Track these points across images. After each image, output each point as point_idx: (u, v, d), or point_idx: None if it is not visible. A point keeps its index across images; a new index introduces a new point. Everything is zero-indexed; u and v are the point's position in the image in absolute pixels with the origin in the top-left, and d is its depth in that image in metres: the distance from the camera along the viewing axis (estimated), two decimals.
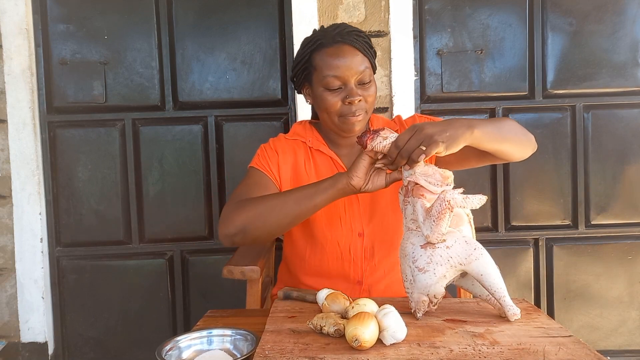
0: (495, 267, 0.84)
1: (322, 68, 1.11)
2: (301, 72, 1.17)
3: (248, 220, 1.01)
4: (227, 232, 1.03)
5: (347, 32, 1.12)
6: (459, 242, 0.84)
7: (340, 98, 1.11)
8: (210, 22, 2.13)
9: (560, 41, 2.12)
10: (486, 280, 0.83)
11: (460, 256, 0.83)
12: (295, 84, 1.22)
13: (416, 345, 0.76)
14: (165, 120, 2.16)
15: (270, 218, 1.00)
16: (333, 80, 1.10)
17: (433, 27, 2.12)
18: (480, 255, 0.83)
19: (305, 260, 1.21)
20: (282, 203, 1.01)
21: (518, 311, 0.85)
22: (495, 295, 0.84)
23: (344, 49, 1.10)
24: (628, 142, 2.14)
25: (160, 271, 2.19)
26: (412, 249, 0.87)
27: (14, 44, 2.04)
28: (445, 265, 0.84)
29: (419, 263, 0.85)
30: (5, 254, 2.11)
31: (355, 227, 1.17)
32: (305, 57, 1.15)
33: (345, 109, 1.11)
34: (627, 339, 2.18)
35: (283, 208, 1.00)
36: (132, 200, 2.16)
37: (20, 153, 2.07)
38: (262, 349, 0.75)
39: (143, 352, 2.18)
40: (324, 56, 1.11)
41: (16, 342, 2.11)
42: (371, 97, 1.13)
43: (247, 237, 1.02)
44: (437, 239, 0.84)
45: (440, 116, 2.14)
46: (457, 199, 0.82)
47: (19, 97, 2.05)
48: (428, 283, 0.84)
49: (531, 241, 2.18)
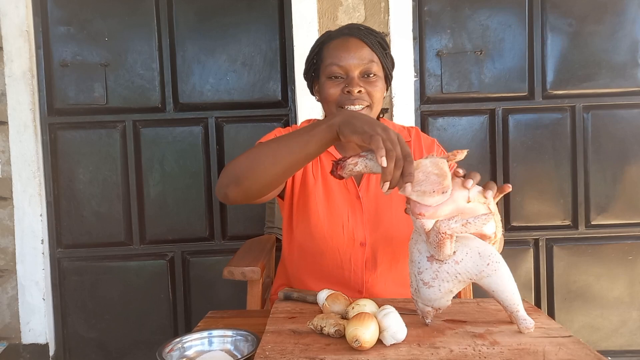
0: (511, 281, 0.77)
1: (327, 58, 1.11)
2: (311, 67, 1.17)
3: (241, 171, 0.94)
4: (221, 183, 0.97)
5: (357, 28, 1.12)
6: (470, 256, 0.76)
7: (341, 87, 1.09)
8: (211, 24, 2.13)
9: (559, 42, 2.12)
10: (498, 296, 0.78)
11: (470, 272, 0.77)
12: (307, 81, 1.22)
13: (416, 345, 0.76)
14: (166, 122, 2.16)
15: (262, 167, 0.93)
16: (336, 69, 1.09)
17: (433, 28, 2.12)
18: (493, 271, 0.76)
19: (304, 264, 1.18)
20: (273, 152, 0.92)
21: (531, 324, 0.79)
22: (507, 310, 0.79)
23: (350, 40, 1.10)
24: (628, 143, 2.14)
25: (161, 272, 2.19)
26: (419, 258, 0.80)
27: (14, 46, 2.05)
28: (453, 282, 0.78)
29: (424, 276, 0.79)
30: (7, 256, 2.11)
31: (357, 236, 1.14)
32: (315, 50, 1.16)
33: (344, 98, 1.09)
34: (627, 340, 2.17)
35: (274, 157, 0.92)
36: (133, 201, 2.16)
37: (21, 155, 2.07)
38: (263, 349, 0.75)
39: (144, 353, 2.18)
40: (330, 47, 1.12)
41: (17, 344, 2.11)
42: (377, 92, 1.10)
43: (240, 187, 0.94)
44: (444, 258, 0.77)
45: (441, 117, 2.17)
46: (454, 228, 0.73)
47: (20, 99, 2.06)
48: (432, 298, 0.80)
49: (531, 241, 2.18)
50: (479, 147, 2.16)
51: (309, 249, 1.16)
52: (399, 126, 1.25)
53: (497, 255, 0.77)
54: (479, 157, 2.16)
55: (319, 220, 1.13)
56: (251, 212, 2.16)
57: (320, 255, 1.15)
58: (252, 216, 2.16)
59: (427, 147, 1.22)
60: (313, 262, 1.17)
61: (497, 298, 0.79)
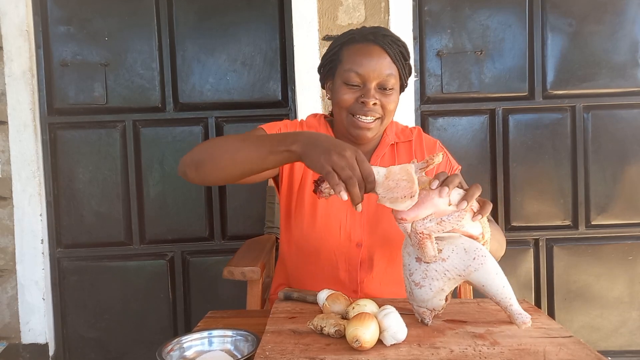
0: (499, 274, 0.79)
1: (346, 61, 1.09)
2: (328, 64, 1.15)
3: (201, 158, 0.95)
4: (184, 161, 0.99)
5: (382, 35, 1.09)
6: (456, 252, 0.78)
7: (356, 96, 1.08)
8: (211, 24, 2.13)
9: (560, 42, 2.12)
10: (489, 291, 0.79)
11: (457, 268, 0.78)
12: (320, 76, 1.20)
13: (416, 345, 0.76)
14: (166, 122, 2.16)
15: (221, 162, 0.93)
16: (354, 76, 1.07)
17: (433, 28, 2.12)
18: (480, 265, 0.77)
19: (301, 263, 1.18)
20: (235, 150, 0.92)
21: (528, 319, 0.79)
22: (500, 305, 0.80)
23: (373, 49, 1.08)
24: (628, 143, 2.14)
25: (161, 272, 2.19)
26: (409, 260, 0.82)
27: (14, 46, 2.04)
28: (442, 279, 0.79)
29: (415, 277, 0.81)
30: (6, 255, 2.11)
31: (354, 237, 1.13)
32: (335, 49, 1.13)
33: (356, 107, 1.08)
34: (627, 340, 2.18)
35: (234, 156, 0.92)
36: (133, 201, 2.16)
37: (21, 154, 2.07)
38: (263, 349, 0.75)
39: (144, 353, 2.18)
40: (351, 51, 1.09)
41: (17, 344, 2.11)
42: (391, 104, 1.09)
43: (198, 172, 0.96)
44: (430, 260, 0.79)
45: (441, 117, 2.17)
46: (429, 227, 0.76)
47: (20, 99, 2.06)
48: (425, 298, 0.81)
49: (531, 241, 2.18)
50: (479, 147, 2.16)
51: (306, 248, 1.16)
52: (401, 126, 1.24)
53: (483, 250, 0.79)
54: (479, 157, 2.16)
55: (316, 219, 1.13)
56: (251, 212, 2.16)
57: (316, 255, 1.15)
58: (252, 216, 2.16)
59: (428, 148, 1.21)
60: (309, 261, 1.16)
61: (488, 294, 0.80)
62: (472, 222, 0.81)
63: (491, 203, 0.82)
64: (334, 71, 1.13)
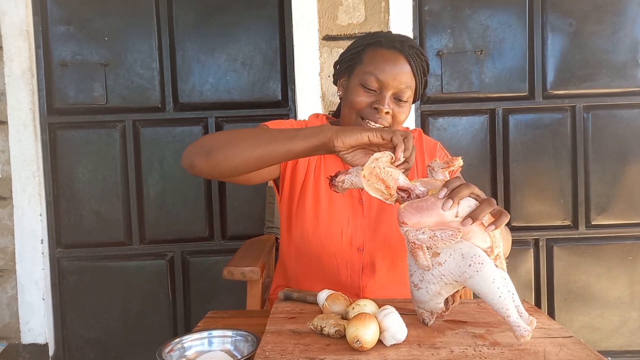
0: (497, 283, 0.74)
1: (368, 63, 1.08)
2: (347, 61, 1.14)
3: (216, 143, 0.92)
4: (189, 151, 0.95)
5: (409, 46, 1.08)
6: (453, 257, 0.75)
7: (370, 101, 1.07)
8: (211, 24, 2.13)
9: (560, 42, 2.12)
10: (485, 300, 0.76)
11: (453, 273, 0.76)
12: (335, 71, 1.19)
13: (417, 346, 0.76)
14: (166, 122, 2.16)
15: (238, 147, 0.90)
16: (373, 80, 1.06)
17: (433, 28, 2.12)
18: (475, 272, 0.74)
19: (302, 266, 1.17)
20: (255, 136, 0.91)
21: (526, 332, 0.73)
22: (499, 314, 0.77)
23: (398, 57, 1.06)
24: (628, 143, 2.14)
25: (161, 272, 2.19)
26: (410, 261, 0.82)
27: (14, 46, 2.04)
28: (439, 284, 0.78)
29: (414, 279, 0.81)
30: (6, 255, 2.11)
31: (355, 242, 1.13)
32: (359, 48, 1.12)
33: (368, 112, 1.06)
34: (627, 340, 2.17)
35: (255, 141, 0.90)
36: (133, 201, 2.16)
37: (20, 154, 2.07)
38: (263, 350, 0.75)
39: (143, 353, 2.18)
40: (376, 54, 1.08)
41: (17, 344, 2.11)
42: (402, 116, 1.09)
43: (210, 159, 0.92)
44: (423, 269, 0.78)
45: (441, 117, 2.16)
46: (421, 239, 0.74)
47: (20, 99, 2.06)
48: (422, 300, 0.81)
49: (531, 241, 2.18)
50: (479, 147, 2.16)
51: (306, 251, 1.15)
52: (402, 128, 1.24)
53: (482, 257, 0.74)
54: (479, 157, 2.16)
55: (318, 223, 1.12)
56: (251, 212, 2.16)
57: (317, 258, 1.14)
58: (252, 216, 2.16)
59: (429, 150, 1.21)
60: (310, 264, 1.16)
61: (485, 301, 0.76)
62: (480, 233, 0.76)
63: (508, 215, 0.76)
64: (352, 70, 1.11)
